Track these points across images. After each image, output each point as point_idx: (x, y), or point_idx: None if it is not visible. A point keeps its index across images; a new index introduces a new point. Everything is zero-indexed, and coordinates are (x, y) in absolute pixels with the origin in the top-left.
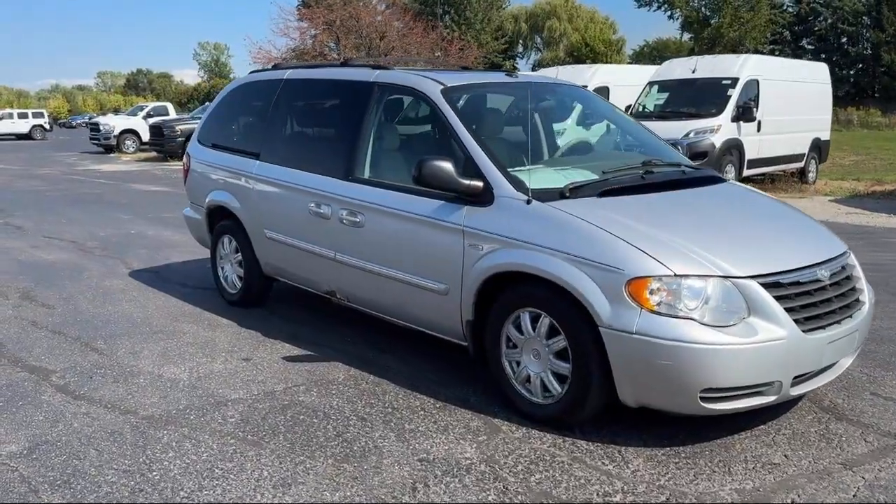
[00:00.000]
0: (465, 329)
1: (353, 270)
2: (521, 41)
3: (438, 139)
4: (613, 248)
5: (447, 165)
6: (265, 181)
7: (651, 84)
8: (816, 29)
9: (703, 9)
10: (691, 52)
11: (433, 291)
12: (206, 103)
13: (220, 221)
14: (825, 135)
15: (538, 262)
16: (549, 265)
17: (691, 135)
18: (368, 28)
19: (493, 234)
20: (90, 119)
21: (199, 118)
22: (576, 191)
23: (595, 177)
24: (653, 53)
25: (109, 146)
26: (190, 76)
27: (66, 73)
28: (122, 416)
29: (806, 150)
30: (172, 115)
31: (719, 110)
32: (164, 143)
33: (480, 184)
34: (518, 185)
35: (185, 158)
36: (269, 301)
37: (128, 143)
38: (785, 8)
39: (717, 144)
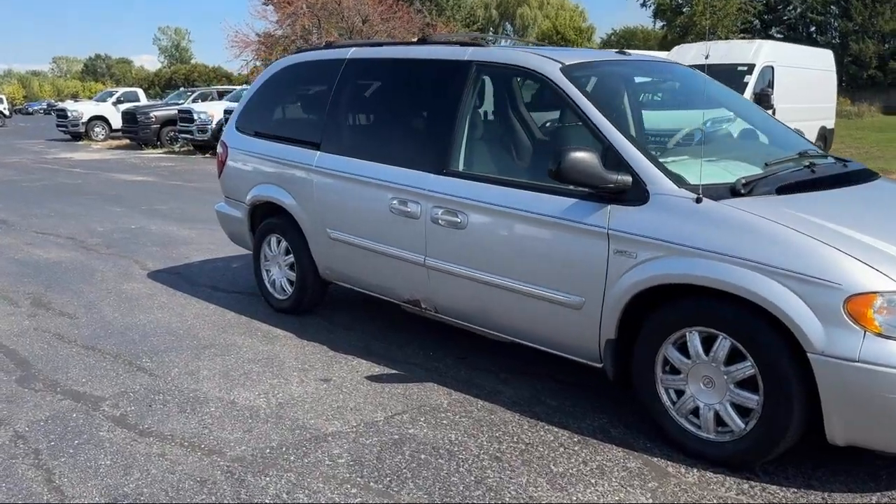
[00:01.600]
0: (604, 350)
1: (448, 278)
2: (491, 28)
3: (562, 127)
4: (825, 258)
5: (592, 157)
6: (328, 174)
7: None
8: (785, 18)
9: None
10: (663, 41)
11: (562, 305)
12: (183, 88)
13: (267, 219)
14: (830, 123)
15: (724, 275)
16: (741, 278)
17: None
18: (350, 11)
19: (653, 238)
20: (51, 105)
21: (175, 104)
22: (749, 186)
23: (758, 170)
24: (620, 42)
25: (77, 133)
26: (149, 62)
27: (20, 57)
28: (206, 459)
29: (813, 140)
30: (143, 100)
31: None
32: (138, 131)
33: (629, 178)
34: (677, 180)
35: (219, 148)
36: (322, 307)
37: (97, 130)
38: None
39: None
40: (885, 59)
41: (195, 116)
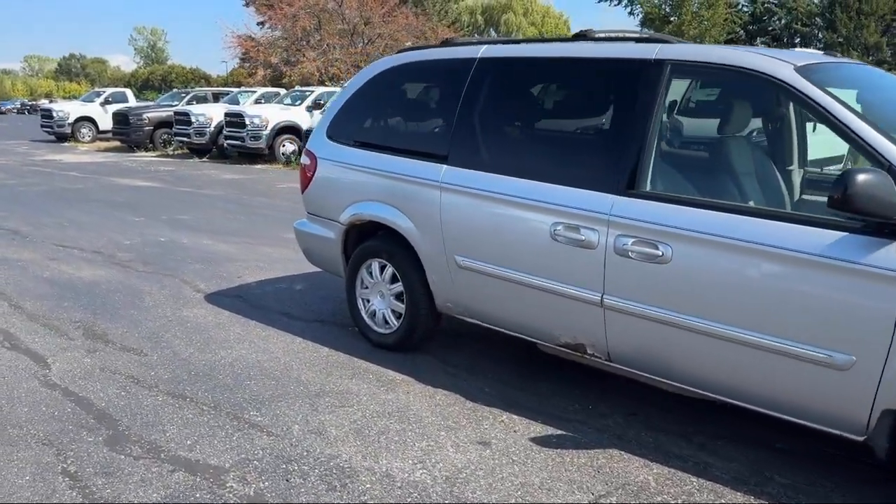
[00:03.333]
0: (877, 422)
1: (635, 321)
2: (476, 35)
3: (783, 139)
4: None
5: (888, 182)
6: (460, 192)
7: None
8: (770, 29)
9: (663, 6)
10: None
11: (816, 364)
12: (176, 90)
13: (367, 241)
14: None
15: None
16: None
17: None
18: (352, 13)
19: None
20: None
21: (169, 106)
22: None
23: None
24: None
25: (63, 134)
26: (124, 62)
27: None
28: None
29: None
30: (133, 101)
31: None
32: (130, 133)
33: None
34: None
35: (305, 158)
36: (427, 342)
37: (83, 131)
38: (740, 7)
39: None
40: None
41: (193, 119)
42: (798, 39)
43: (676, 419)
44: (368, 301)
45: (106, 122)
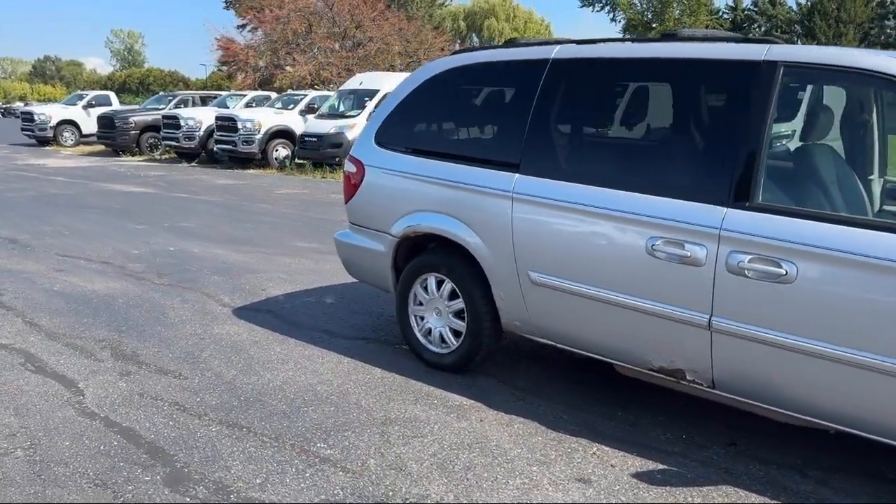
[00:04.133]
0: None
1: (751, 346)
2: (459, 40)
3: None
4: None
5: None
6: (536, 203)
7: None
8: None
9: (646, 13)
10: None
11: None
12: (162, 93)
13: (422, 255)
14: None
15: None
16: None
17: None
18: (342, 17)
19: None
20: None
21: (155, 109)
22: None
23: None
24: None
25: (45, 138)
26: (99, 65)
27: None
28: None
29: None
30: (116, 104)
31: None
32: (116, 137)
33: None
34: None
35: (349, 166)
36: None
37: (66, 134)
38: (721, 15)
39: None
40: None
41: (182, 122)
42: None
43: (781, 449)
44: (423, 318)
45: (89, 126)
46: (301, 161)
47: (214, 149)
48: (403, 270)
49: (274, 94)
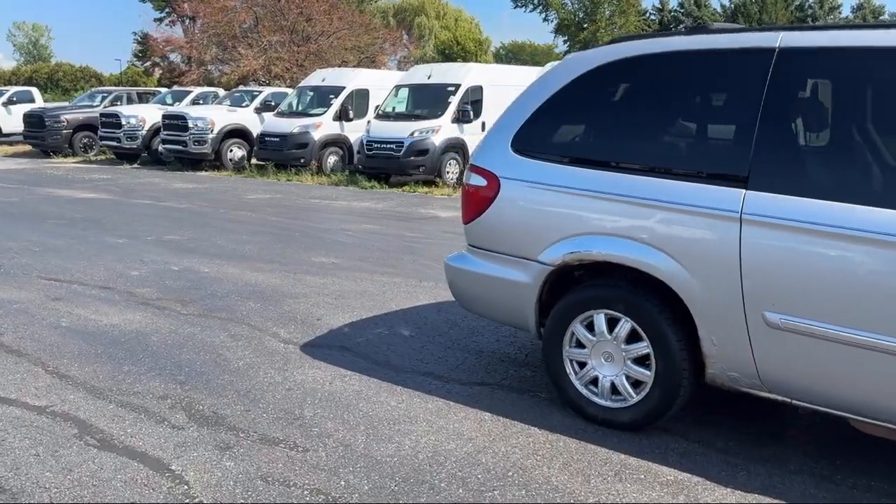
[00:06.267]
0: None
1: None
2: (379, 38)
3: None
4: None
5: None
6: (784, 227)
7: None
8: None
9: (578, 13)
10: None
11: None
12: (94, 89)
13: (584, 288)
14: None
15: None
16: None
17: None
18: (291, 12)
19: None
20: None
21: (87, 107)
22: None
23: None
24: (508, 55)
25: None
26: None
27: None
28: None
29: None
30: (40, 101)
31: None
32: (46, 137)
33: None
34: None
35: (475, 178)
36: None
37: None
38: (648, 15)
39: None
40: None
41: (123, 121)
42: None
43: None
44: (585, 364)
45: (10, 125)
46: (261, 162)
47: (160, 149)
48: (556, 306)
49: (222, 91)
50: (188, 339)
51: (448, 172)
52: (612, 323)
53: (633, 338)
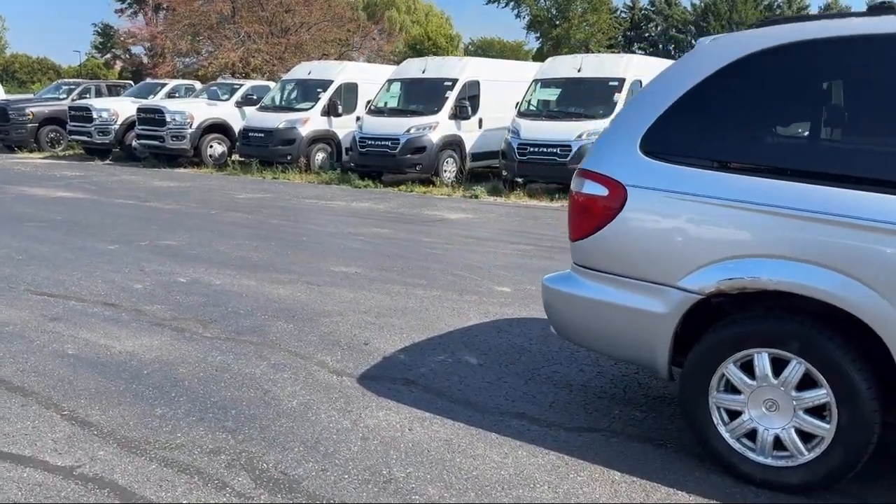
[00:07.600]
0: None
1: None
2: (358, 31)
3: None
4: None
5: None
6: None
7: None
8: (647, 35)
9: (551, 10)
10: (538, 52)
11: None
12: (60, 81)
13: (742, 322)
14: None
15: None
16: None
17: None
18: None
19: None
20: None
21: (54, 99)
22: None
23: None
24: (478, 51)
25: None
26: None
27: None
28: None
29: None
30: (2, 93)
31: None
32: (10, 131)
33: None
34: None
35: (593, 187)
36: None
37: None
38: (619, 14)
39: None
40: None
41: (95, 115)
42: (673, 45)
43: None
44: (738, 414)
45: None
46: (243, 159)
47: (134, 144)
48: (700, 342)
49: (199, 84)
50: (223, 371)
51: (445, 171)
52: (779, 364)
53: (806, 383)
